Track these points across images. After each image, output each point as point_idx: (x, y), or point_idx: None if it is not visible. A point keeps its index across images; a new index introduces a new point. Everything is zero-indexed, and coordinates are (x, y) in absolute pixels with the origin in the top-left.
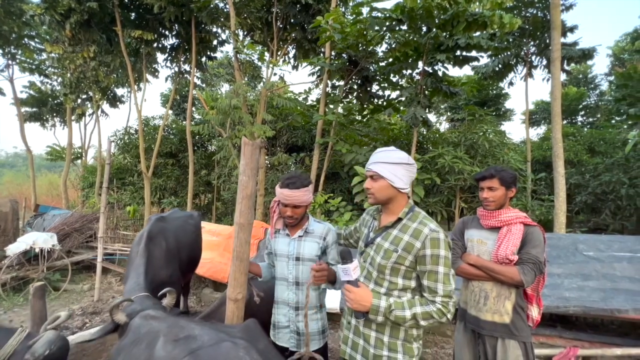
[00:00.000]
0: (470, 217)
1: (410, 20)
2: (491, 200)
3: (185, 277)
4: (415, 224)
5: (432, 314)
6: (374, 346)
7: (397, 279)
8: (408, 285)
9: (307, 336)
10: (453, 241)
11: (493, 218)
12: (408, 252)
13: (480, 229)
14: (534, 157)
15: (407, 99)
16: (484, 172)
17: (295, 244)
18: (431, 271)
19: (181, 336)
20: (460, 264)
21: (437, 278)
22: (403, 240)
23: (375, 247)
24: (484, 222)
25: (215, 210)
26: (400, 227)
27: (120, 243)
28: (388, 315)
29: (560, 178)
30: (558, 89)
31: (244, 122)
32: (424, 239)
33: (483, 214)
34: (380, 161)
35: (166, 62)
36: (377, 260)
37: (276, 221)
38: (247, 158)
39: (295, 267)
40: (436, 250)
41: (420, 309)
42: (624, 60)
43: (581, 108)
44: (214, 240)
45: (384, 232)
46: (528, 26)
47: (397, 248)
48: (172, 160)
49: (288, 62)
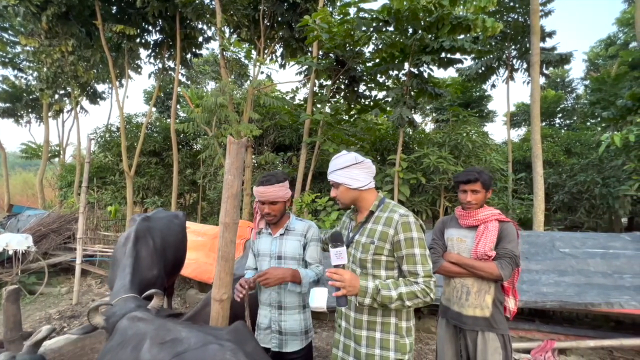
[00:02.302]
0: (448, 217)
1: (397, 22)
2: (474, 203)
3: (170, 279)
4: (387, 213)
5: (416, 293)
6: (366, 345)
7: (379, 272)
8: (391, 276)
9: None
10: (434, 240)
11: (471, 217)
12: (384, 241)
13: (459, 227)
14: (515, 157)
15: (393, 100)
16: (468, 176)
17: (277, 243)
18: (408, 254)
19: (167, 339)
20: (442, 263)
21: (415, 260)
22: (377, 231)
23: (355, 244)
24: (463, 221)
25: (201, 210)
26: (373, 220)
27: (101, 244)
28: (375, 296)
29: (539, 178)
30: (537, 91)
31: (230, 120)
32: (396, 225)
33: (462, 214)
34: (333, 169)
35: (149, 58)
36: (358, 256)
37: (259, 221)
38: (232, 157)
39: (277, 266)
40: (409, 234)
41: (405, 288)
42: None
43: (559, 111)
44: (199, 240)
45: (360, 228)
46: (509, 30)
47: (373, 240)
48: (156, 159)
49: (275, 60)
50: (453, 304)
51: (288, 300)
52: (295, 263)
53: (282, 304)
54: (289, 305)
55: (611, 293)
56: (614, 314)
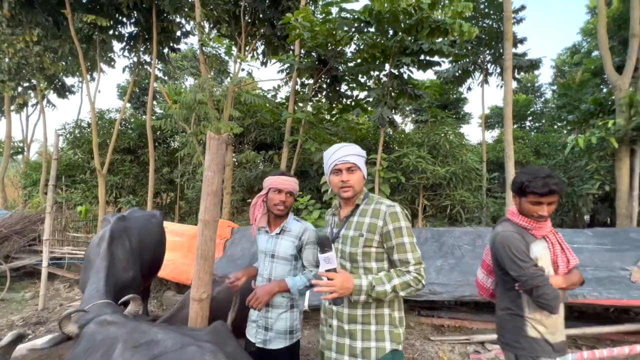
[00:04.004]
0: (515, 230)
1: (378, 23)
2: (548, 216)
3: (147, 281)
4: (373, 205)
5: (409, 282)
6: (362, 339)
7: (370, 264)
8: (382, 267)
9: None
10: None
11: (544, 228)
12: (373, 233)
13: (535, 240)
14: (489, 157)
15: (374, 100)
16: (548, 186)
17: (272, 242)
18: (398, 244)
19: (142, 342)
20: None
21: (405, 249)
22: (365, 223)
23: (342, 238)
24: (538, 232)
25: (179, 209)
26: (360, 213)
27: (70, 246)
28: (370, 292)
29: (511, 177)
30: (510, 95)
31: (209, 117)
32: (384, 216)
33: (536, 225)
34: (355, 153)
35: (123, 52)
36: (347, 250)
37: (260, 218)
38: (212, 153)
39: (270, 264)
40: (397, 223)
41: (398, 280)
42: (565, 72)
43: (529, 114)
44: (177, 240)
45: (345, 222)
46: (484, 36)
47: (361, 232)
48: (131, 157)
49: (257, 58)
50: (556, 334)
51: (276, 300)
52: (287, 263)
53: (270, 302)
54: (277, 304)
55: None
56: (577, 304)
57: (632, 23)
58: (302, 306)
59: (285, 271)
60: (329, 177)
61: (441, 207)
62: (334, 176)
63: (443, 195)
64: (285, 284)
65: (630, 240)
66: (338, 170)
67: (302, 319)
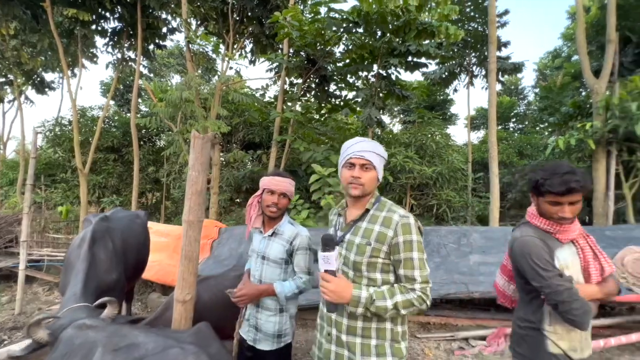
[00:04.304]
0: (536, 234)
1: (366, 24)
2: (572, 218)
3: (131, 283)
4: (384, 213)
5: (412, 302)
6: (361, 354)
7: (375, 275)
8: (387, 279)
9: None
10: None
11: (572, 231)
12: (382, 243)
13: (561, 245)
14: (474, 158)
15: (362, 100)
16: (567, 184)
17: (265, 243)
18: (407, 259)
19: (122, 345)
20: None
21: (413, 265)
22: (374, 232)
23: (347, 244)
24: (564, 236)
25: (165, 209)
26: (369, 219)
27: (50, 248)
28: (369, 306)
29: (494, 177)
30: (494, 97)
31: (196, 116)
32: (395, 227)
33: (560, 228)
34: (372, 150)
35: (107, 47)
36: (352, 258)
37: (255, 219)
38: (197, 152)
39: (261, 266)
40: (408, 236)
41: (400, 297)
42: (547, 75)
43: (512, 115)
44: (163, 241)
45: (352, 227)
46: (470, 39)
47: (369, 241)
48: (114, 156)
49: (245, 56)
50: (581, 350)
51: (266, 302)
52: (277, 266)
53: (260, 302)
54: (266, 306)
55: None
56: None
57: (608, 29)
58: (293, 310)
59: (275, 274)
60: (340, 170)
61: (428, 207)
62: (345, 170)
63: (430, 195)
64: (273, 290)
65: (606, 237)
66: (351, 164)
67: (293, 323)
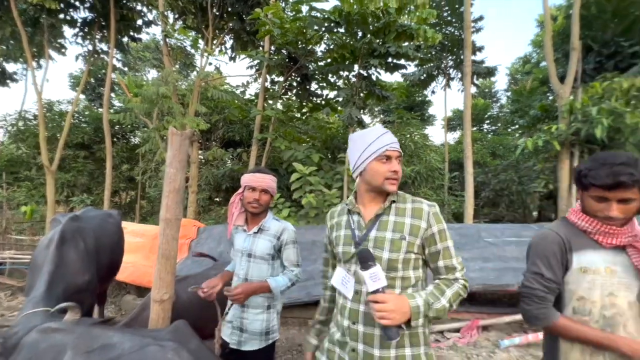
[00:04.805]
0: (566, 228)
1: (347, 24)
2: (622, 218)
3: (104, 285)
4: (410, 204)
5: (459, 292)
6: None
7: (409, 273)
8: (419, 276)
9: None
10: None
11: (624, 233)
12: (415, 236)
13: (599, 248)
14: (450, 158)
15: (343, 100)
16: (616, 176)
17: (250, 241)
18: (445, 248)
19: (95, 346)
20: (555, 319)
21: (451, 254)
22: (406, 224)
23: (374, 242)
24: (608, 239)
25: (140, 209)
26: (395, 212)
27: (13, 250)
28: (428, 312)
29: (469, 177)
30: (469, 99)
31: (174, 112)
32: (428, 217)
33: (606, 229)
34: (396, 141)
35: (76, 38)
36: (385, 256)
37: (237, 216)
38: (174, 149)
39: (247, 264)
40: (441, 225)
41: (450, 291)
42: (518, 80)
43: (486, 117)
44: (138, 241)
45: (376, 222)
46: (447, 42)
47: (403, 235)
48: (85, 153)
49: (225, 52)
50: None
51: (253, 300)
52: (265, 263)
53: (247, 302)
54: (253, 304)
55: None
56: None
57: (572, 38)
58: (280, 307)
59: (262, 271)
60: (369, 164)
61: None
62: (379, 164)
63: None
64: (268, 285)
65: None
66: (387, 157)
67: (279, 320)
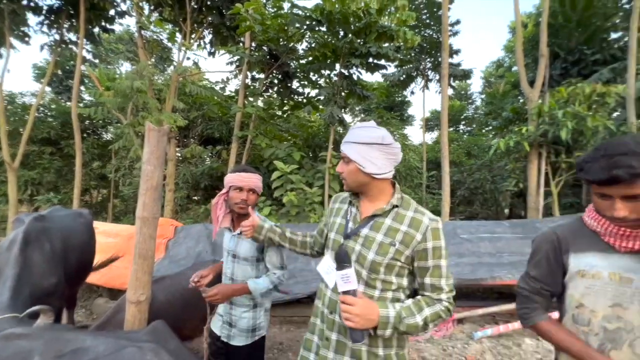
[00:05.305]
0: (568, 226)
1: (329, 23)
2: (634, 219)
3: (73, 287)
4: (411, 213)
5: (440, 314)
6: None
7: (391, 277)
8: (401, 284)
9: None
10: (525, 276)
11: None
12: (406, 246)
13: (611, 252)
14: (428, 157)
15: (325, 98)
16: (610, 171)
17: (235, 242)
18: (435, 266)
19: (66, 351)
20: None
21: (441, 273)
22: (400, 232)
23: (363, 240)
24: (623, 243)
25: (113, 208)
26: (394, 217)
27: None
28: (398, 325)
29: (446, 176)
30: (446, 100)
31: (149, 108)
32: (425, 230)
33: (620, 232)
34: (350, 140)
35: (42, 27)
36: (370, 257)
37: (223, 219)
38: (152, 146)
39: (232, 264)
40: (438, 242)
41: (429, 310)
42: (491, 83)
43: (462, 119)
44: (111, 242)
45: (371, 221)
46: (426, 45)
47: (394, 241)
48: (52, 149)
49: (203, 47)
50: None
51: (239, 299)
52: (249, 264)
53: (233, 299)
54: (239, 302)
55: (495, 269)
56: (497, 285)
57: (541, 45)
58: (268, 305)
59: (246, 272)
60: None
61: None
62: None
63: None
64: (247, 288)
65: (536, 229)
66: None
67: (268, 317)
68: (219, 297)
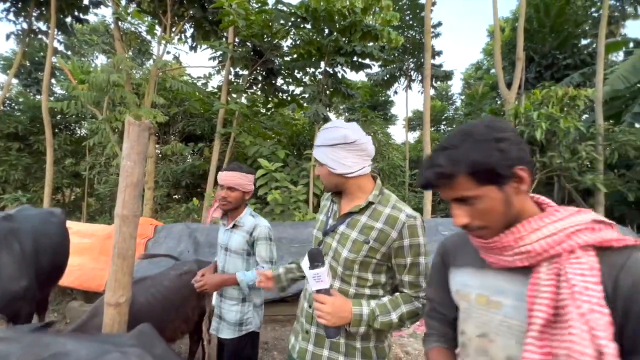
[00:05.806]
0: (462, 237)
1: (314, 21)
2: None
3: (45, 290)
4: (388, 209)
5: (417, 311)
6: (345, 354)
7: (366, 274)
8: (378, 280)
9: None
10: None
11: (510, 249)
12: (381, 244)
13: (482, 268)
14: (411, 156)
15: (310, 96)
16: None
17: (227, 235)
18: (413, 264)
19: (45, 355)
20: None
21: (419, 271)
22: (375, 229)
23: (339, 237)
24: (492, 257)
25: (87, 207)
26: (370, 213)
27: None
28: (372, 323)
29: None
30: (428, 101)
31: (127, 103)
32: (401, 228)
33: (485, 244)
34: (318, 144)
35: (7, 14)
36: (344, 254)
37: (214, 210)
38: (132, 141)
39: (225, 258)
40: (415, 239)
41: (405, 307)
42: (471, 85)
43: (443, 119)
44: (85, 242)
45: (348, 218)
46: (409, 45)
47: (367, 239)
48: (19, 145)
49: (184, 41)
50: None
51: (228, 291)
52: (240, 257)
53: (223, 292)
54: (228, 295)
55: None
56: None
57: (517, 49)
58: (258, 301)
59: (237, 265)
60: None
61: None
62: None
63: None
64: (235, 279)
65: None
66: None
67: (260, 313)
68: (206, 286)
